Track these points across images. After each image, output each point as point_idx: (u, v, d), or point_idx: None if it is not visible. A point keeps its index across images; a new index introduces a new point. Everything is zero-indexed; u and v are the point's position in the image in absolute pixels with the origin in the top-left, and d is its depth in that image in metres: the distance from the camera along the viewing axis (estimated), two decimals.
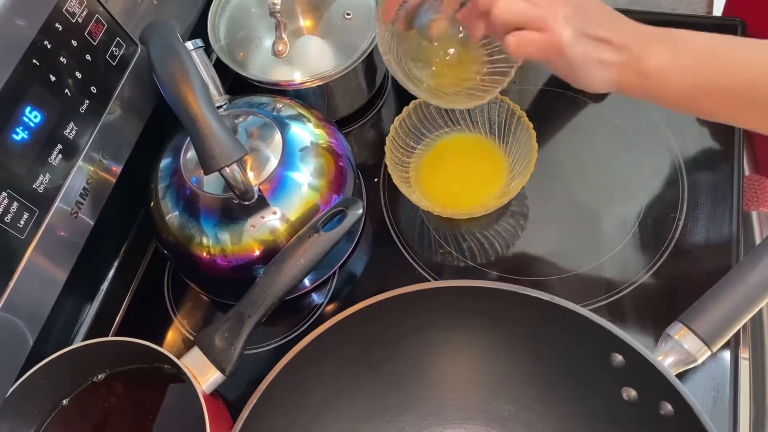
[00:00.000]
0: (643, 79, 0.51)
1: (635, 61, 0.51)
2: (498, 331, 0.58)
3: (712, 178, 0.71)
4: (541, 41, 0.51)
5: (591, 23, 0.51)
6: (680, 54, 0.50)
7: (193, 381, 0.53)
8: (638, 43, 0.51)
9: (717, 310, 0.51)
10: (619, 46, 0.51)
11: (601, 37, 0.51)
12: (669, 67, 0.50)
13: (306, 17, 0.77)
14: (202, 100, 0.51)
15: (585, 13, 0.52)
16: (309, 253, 0.56)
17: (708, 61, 0.50)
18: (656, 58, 0.50)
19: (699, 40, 0.51)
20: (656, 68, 0.50)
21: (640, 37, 0.52)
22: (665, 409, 0.50)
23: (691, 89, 0.51)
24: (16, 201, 0.52)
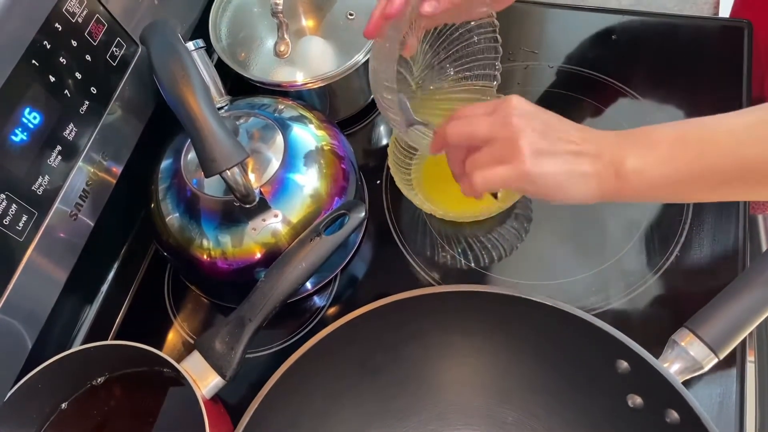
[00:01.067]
0: (623, 183, 0.49)
1: (613, 167, 0.49)
2: (501, 336, 0.57)
3: None
4: (509, 174, 0.50)
5: (558, 140, 0.50)
6: (651, 151, 0.49)
7: (193, 386, 0.53)
8: (610, 149, 0.49)
9: (724, 316, 0.51)
10: (594, 155, 0.49)
11: (572, 151, 0.50)
12: (644, 166, 0.48)
13: (308, 17, 0.76)
14: (202, 102, 0.50)
15: (549, 131, 0.50)
16: (311, 256, 0.56)
17: (677, 150, 0.48)
18: (631, 159, 0.49)
19: (667, 130, 0.49)
20: (632, 170, 0.49)
21: (609, 142, 0.50)
22: (671, 416, 0.49)
23: (672, 182, 0.49)
24: (15, 203, 0.51)
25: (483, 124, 0.52)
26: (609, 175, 0.49)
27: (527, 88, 0.80)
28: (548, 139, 0.50)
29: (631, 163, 0.48)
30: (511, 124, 0.50)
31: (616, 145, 0.49)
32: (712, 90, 0.77)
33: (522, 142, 0.49)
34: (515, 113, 0.50)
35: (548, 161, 0.49)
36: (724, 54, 0.80)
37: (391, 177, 0.68)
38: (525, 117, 0.50)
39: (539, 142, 0.49)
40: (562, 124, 0.51)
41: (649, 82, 0.79)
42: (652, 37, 0.83)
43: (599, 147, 0.50)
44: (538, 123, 0.50)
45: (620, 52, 0.82)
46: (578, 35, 0.85)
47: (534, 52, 0.83)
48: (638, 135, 0.50)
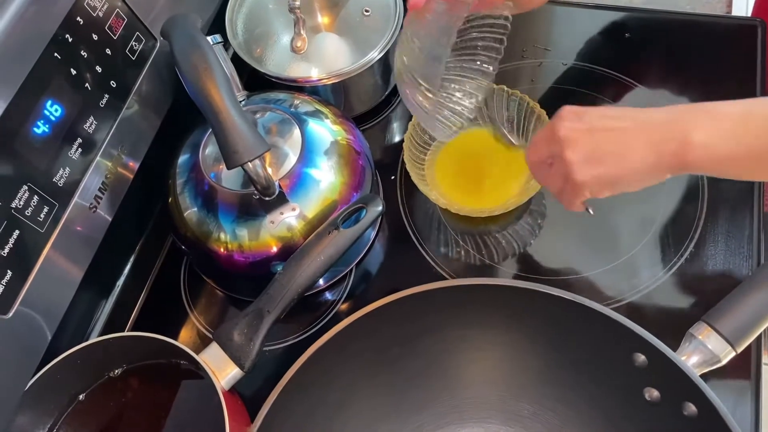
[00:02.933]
0: (688, 158, 0.49)
1: (673, 142, 0.49)
2: (518, 330, 0.57)
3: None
4: (573, 189, 0.53)
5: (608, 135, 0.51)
6: (718, 124, 0.48)
7: (212, 377, 0.53)
8: (670, 125, 0.49)
9: (741, 310, 0.51)
10: (649, 136, 0.50)
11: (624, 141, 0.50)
12: (712, 140, 0.48)
13: (324, 14, 0.77)
14: (225, 94, 0.51)
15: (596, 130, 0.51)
16: (328, 250, 0.56)
17: (747, 125, 0.48)
18: (697, 133, 0.48)
19: (731, 107, 0.49)
20: (700, 143, 0.48)
21: (669, 118, 0.50)
22: (689, 409, 0.50)
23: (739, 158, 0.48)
24: (36, 194, 0.51)
25: (542, 148, 0.55)
26: (671, 152, 0.49)
27: (540, 85, 0.81)
28: (595, 139, 0.51)
29: (697, 138, 0.48)
30: (558, 139, 0.52)
31: (679, 120, 0.49)
32: (726, 88, 0.77)
33: (568, 154, 0.51)
34: (561, 127, 0.52)
35: (599, 165, 0.51)
36: (737, 53, 0.80)
37: (406, 172, 0.68)
38: (569, 126, 0.52)
39: (586, 148, 0.51)
40: (612, 114, 0.52)
41: (663, 79, 0.79)
42: (666, 35, 0.83)
43: (659, 118, 0.50)
44: (584, 125, 0.51)
45: (634, 49, 0.82)
46: (591, 33, 0.85)
47: (547, 49, 0.83)
48: (700, 110, 0.49)
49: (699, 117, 0.49)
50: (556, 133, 0.52)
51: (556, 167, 0.54)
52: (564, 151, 0.51)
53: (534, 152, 0.57)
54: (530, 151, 0.57)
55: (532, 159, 0.57)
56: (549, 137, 0.53)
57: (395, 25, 0.73)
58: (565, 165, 0.52)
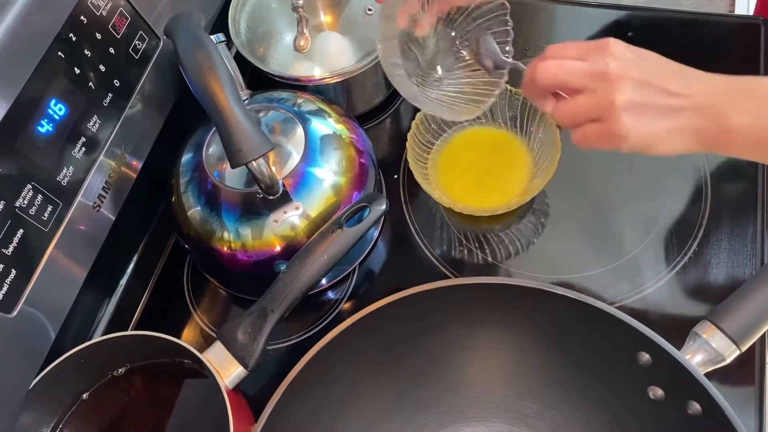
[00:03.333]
0: (727, 138, 0.48)
1: (717, 121, 0.47)
2: (521, 329, 0.57)
3: (737, 177, 0.70)
4: (604, 135, 0.49)
5: (658, 93, 0.48)
6: (762, 106, 0.47)
7: (216, 376, 0.53)
8: (715, 101, 0.48)
9: (746, 308, 0.51)
10: (696, 108, 0.48)
11: (673, 106, 0.48)
12: (752, 124, 0.47)
13: (327, 13, 0.77)
14: (229, 93, 0.51)
15: (649, 82, 0.48)
16: (332, 248, 0.56)
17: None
18: (739, 115, 0.47)
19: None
20: (739, 127, 0.47)
21: (715, 92, 0.48)
22: (693, 408, 0.49)
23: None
24: (40, 194, 0.51)
25: (577, 72, 0.49)
26: (712, 130, 0.48)
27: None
28: (647, 93, 0.48)
29: (737, 120, 0.47)
30: (608, 75, 0.47)
31: (723, 96, 0.47)
32: None
33: (618, 98, 0.47)
34: (613, 63, 0.48)
35: (645, 120, 0.48)
36: (740, 51, 0.80)
37: (409, 171, 0.68)
38: (623, 67, 0.48)
39: (637, 98, 0.47)
40: (665, 70, 0.49)
41: None
42: (668, 34, 0.83)
43: (704, 98, 0.48)
44: (638, 73, 0.48)
45: None
46: (594, 32, 0.85)
47: None
48: (745, 88, 0.48)
49: (743, 99, 0.47)
50: (608, 72, 0.48)
51: (588, 102, 0.49)
52: (614, 94, 0.47)
53: (560, 69, 0.50)
54: (556, 66, 0.50)
55: (551, 74, 0.50)
56: (594, 71, 0.48)
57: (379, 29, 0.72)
58: (608, 107, 0.48)
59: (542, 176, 0.66)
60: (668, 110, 0.48)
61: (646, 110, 0.48)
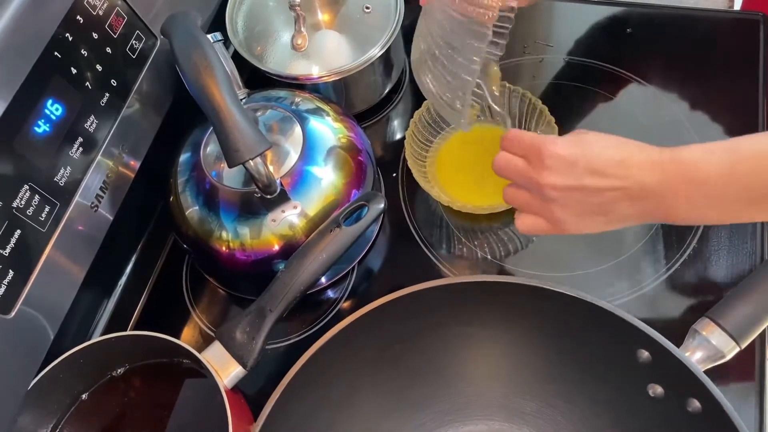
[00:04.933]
0: (671, 219, 0.50)
1: (660, 206, 0.49)
2: (521, 327, 0.57)
3: None
4: (547, 229, 0.55)
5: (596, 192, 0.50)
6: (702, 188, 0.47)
7: (215, 375, 0.53)
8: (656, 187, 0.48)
9: (745, 305, 0.51)
10: (636, 195, 0.49)
11: (609, 201, 0.50)
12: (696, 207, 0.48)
13: (324, 11, 0.77)
14: (226, 92, 0.50)
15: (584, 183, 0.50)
16: (330, 247, 0.56)
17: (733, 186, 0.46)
18: (680, 201, 0.48)
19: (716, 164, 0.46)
20: (684, 212, 0.48)
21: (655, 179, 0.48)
22: (692, 405, 0.49)
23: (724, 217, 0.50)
24: (38, 194, 0.51)
25: (518, 175, 0.55)
26: (654, 213, 0.50)
27: (542, 81, 0.80)
28: (581, 197, 0.51)
29: (681, 207, 0.48)
30: (542, 190, 0.52)
31: (664, 185, 0.48)
32: (728, 83, 0.77)
33: (557, 211, 0.52)
34: (546, 176, 0.51)
35: (582, 219, 0.52)
36: (739, 47, 0.80)
37: (408, 170, 0.68)
38: (556, 180, 0.51)
39: (574, 207, 0.52)
40: (601, 161, 0.50)
41: (665, 74, 0.79)
42: (668, 30, 0.83)
43: (643, 186, 0.49)
44: (571, 179, 0.51)
45: (635, 45, 0.82)
46: (593, 28, 0.84)
47: (548, 45, 0.83)
48: (686, 169, 0.47)
49: (682, 188, 0.48)
50: (542, 186, 0.52)
51: (528, 199, 0.55)
52: (551, 206, 0.52)
53: (507, 168, 0.56)
54: (504, 164, 0.56)
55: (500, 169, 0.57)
56: (530, 179, 0.53)
57: (396, 22, 0.72)
58: (550, 216, 0.53)
59: None
60: (605, 206, 0.51)
61: (584, 213, 0.52)
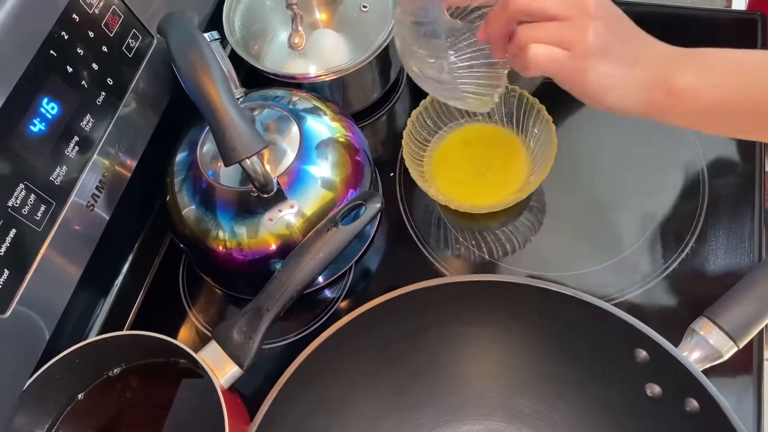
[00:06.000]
0: (673, 99, 0.49)
1: (664, 81, 0.49)
2: (518, 327, 0.57)
3: (734, 173, 0.70)
4: (566, 62, 0.49)
5: (624, 41, 0.49)
6: (707, 72, 0.49)
7: (211, 375, 0.53)
8: (666, 63, 0.49)
9: (743, 305, 0.51)
10: (649, 66, 0.49)
11: (632, 57, 0.49)
12: (697, 86, 0.48)
13: (321, 10, 0.76)
14: (222, 91, 0.50)
15: (620, 29, 0.49)
16: (328, 246, 0.56)
17: (734, 76, 0.48)
18: (684, 77, 0.48)
19: (726, 56, 0.49)
20: (684, 87, 0.48)
21: (666, 56, 0.50)
22: (690, 405, 0.49)
23: (718, 107, 0.49)
24: (33, 193, 0.51)
25: (555, 2, 0.49)
26: (660, 89, 0.49)
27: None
28: (616, 37, 0.49)
29: (685, 80, 0.48)
30: (587, 8, 0.48)
31: (673, 60, 0.49)
32: None
33: (591, 31, 0.47)
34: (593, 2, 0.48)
35: (608, 60, 0.48)
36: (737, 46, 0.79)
37: (405, 169, 0.68)
38: (601, 5, 0.49)
39: (608, 38, 0.48)
40: (631, 26, 0.50)
41: None
42: (665, 30, 0.81)
43: (656, 58, 0.49)
44: (613, 17, 0.49)
45: None
46: None
47: None
48: (694, 54, 0.49)
49: (687, 64, 0.48)
50: (588, 4, 0.48)
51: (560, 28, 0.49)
52: (588, 27, 0.47)
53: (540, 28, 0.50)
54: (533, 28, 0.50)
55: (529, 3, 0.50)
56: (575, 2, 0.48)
57: (393, 21, 0.72)
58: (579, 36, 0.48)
59: (539, 173, 0.66)
60: (628, 60, 0.49)
61: (611, 53, 0.49)
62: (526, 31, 0.50)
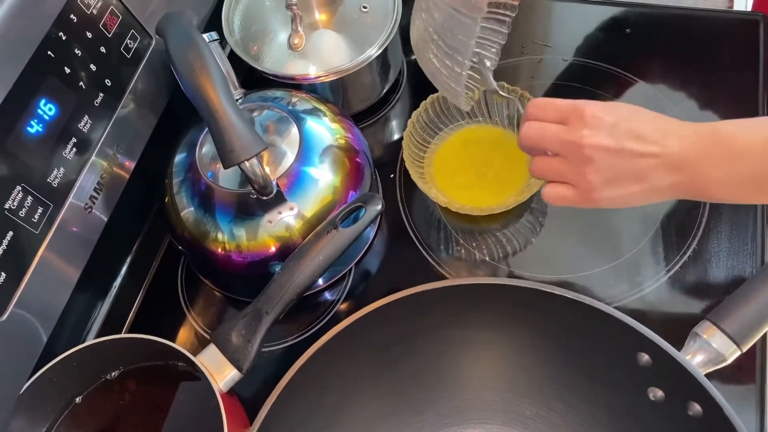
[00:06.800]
0: (703, 193, 0.50)
1: (692, 176, 0.49)
2: (519, 330, 0.57)
3: None
4: (577, 199, 0.52)
5: (634, 158, 0.49)
6: (738, 162, 0.47)
7: (210, 379, 0.52)
8: (693, 158, 0.48)
9: (747, 308, 0.50)
10: (671, 165, 0.49)
11: (645, 168, 0.49)
12: (730, 180, 0.48)
13: (321, 11, 0.76)
14: (221, 92, 0.50)
15: (623, 144, 0.49)
16: (327, 249, 0.56)
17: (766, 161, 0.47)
18: (716, 172, 0.48)
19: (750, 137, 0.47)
20: (718, 184, 0.48)
21: (692, 149, 0.48)
22: (693, 409, 0.49)
23: (756, 193, 0.49)
24: (31, 195, 0.51)
25: (554, 138, 0.52)
26: (687, 184, 0.49)
27: (540, 81, 0.80)
28: (619, 161, 0.49)
29: (715, 177, 0.48)
30: (582, 147, 0.50)
31: (702, 154, 0.48)
32: (728, 83, 0.76)
33: (590, 169, 0.50)
34: (587, 133, 0.50)
35: (617, 188, 0.51)
36: (739, 47, 0.79)
37: (405, 171, 0.68)
38: (597, 135, 0.49)
39: (608, 169, 0.50)
40: (639, 124, 0.50)
41: (664, 75, 0.78)
42: (667, 31, 0.82)
43: (681, 154, 0.49)
44: (612, 141, 0.49)
45: (635, 45, 0.82)
46: (591, 29, 0.84)
47: (547, 45, 0.83)
48: (722, 141, 0.48)
49: (718, 159, 0.48)
50: (581, 146, 0.50)
51: (562, 166, 0.52)
52: (586, 169, 0.50)
53: (539, 135, 0.53)
54: (535, 131, 0.53)
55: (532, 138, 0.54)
56: (569, 141, 0.51)
57: (393, 22, 0.72)
58: (583, 181, 0.51)
59: None
60: (641, 174, 0.50)
61: (618, 179, 0.50)
62: (536, 167, 0.55)
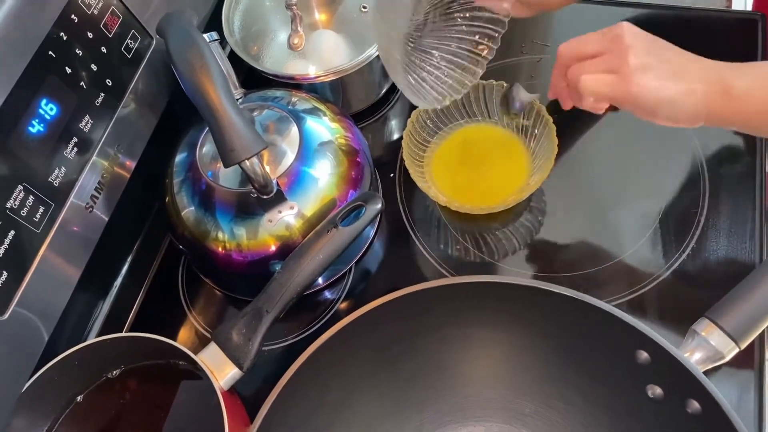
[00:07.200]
0: (730, 102, 0.52)
1: (720, 85, 0.52)
2: (519, 328, 0.57)
3: (734, 173, 0.70)
4: (616, 82, 0.53)
5: (666, 59, 0.53)
6: (761, 76, 0.52)
7: (211, 377, 0.53)
8: (716, 72, 0.53)
9: (744, 305, 0.50)
10: (700, 75, 0.53)
11: (679, 69, 0.53)
12: (756, 88, 0.52)
13: (321, 11, 0.76)
14: (221, 91, 0.50)
15: (658, 50, 0.54)
16: (327, 248, 0.56)
17: None
18: (741, 81, 0.52)
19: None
20: (744, 91, 0.52)
21: (714, 68, 0.53)
22: (692, 407, 0.49)
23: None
24: (32, 194, 0.51)
25: (594, 42, 0.56)
26: (716, 93, 0.52)
27: (539, 81, 0.80)
28: (657, 56, 0.53)
29: (741, 83, 0.52)
30: (622, 40, 0.53)
31: (724, 67, 0.53)
32: None
33: (631, 56, 0.52)
34: (626, 32, 0.54)
35: (656, 79, 0.52)
36: (738, 47, 0.79)
37: (405, 170, 0.68)
38: (635, 36, 0.53)
39: (647, 58, 0.52)
40: (669, 47, 0.55)
41: None
42: (665, 30, 0.81)
43: (704, 69, 0.53)
44: (649, 42, 0.54)
45: None
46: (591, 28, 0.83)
47: (546, 45, 0.83)
48: (741, 65, 0.53)
49: (741, 70, 0.53)
50: (623, 35, 0.53)
51: (603, 60, 0.54)
52: (628, 53, 0.52)
53: (578, 44, 0.57)
54: (573, 42, 0.57)
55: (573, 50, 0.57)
56: (608, 39, 0.54)
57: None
58: (621, 61, 0.53)
59: (539, 174, 0.66)
60: (676, 74, 0.53)
61: (656, 72, 0.53)
62: (576, 68, 0.56)
